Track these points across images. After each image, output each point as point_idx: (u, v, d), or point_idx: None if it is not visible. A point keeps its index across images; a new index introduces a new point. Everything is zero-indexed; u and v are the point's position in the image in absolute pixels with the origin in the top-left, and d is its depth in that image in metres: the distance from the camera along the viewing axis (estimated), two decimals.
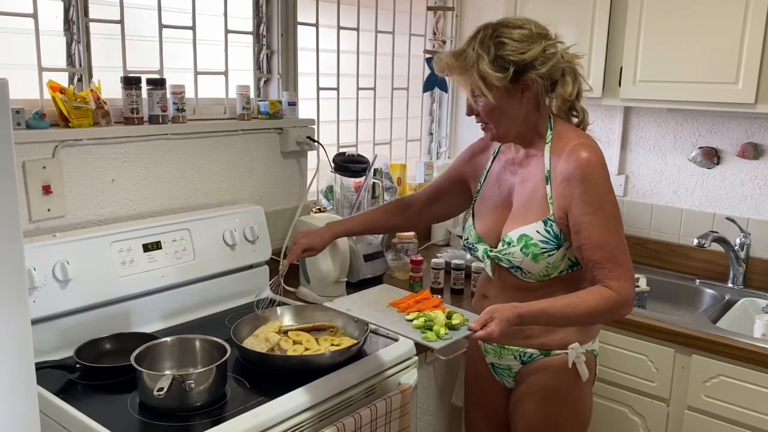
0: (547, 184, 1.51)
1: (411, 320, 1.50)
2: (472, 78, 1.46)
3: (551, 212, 1.49)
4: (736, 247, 2.37)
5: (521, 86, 1.47)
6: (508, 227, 1.56)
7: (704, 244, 2.30)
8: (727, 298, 2.30)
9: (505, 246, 1.55)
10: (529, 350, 1.59)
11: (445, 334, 1.43)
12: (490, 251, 1.59)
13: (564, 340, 1.56)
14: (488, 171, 1.70)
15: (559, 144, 1.51)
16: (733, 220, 2.38)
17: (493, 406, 1.73)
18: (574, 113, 1.58)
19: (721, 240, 2.35)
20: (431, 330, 1.44)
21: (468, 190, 1.78)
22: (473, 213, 1.72)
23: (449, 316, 1.50)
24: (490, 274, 1.62)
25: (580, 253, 1.47)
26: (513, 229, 1.54)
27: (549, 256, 1.50)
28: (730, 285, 2.40)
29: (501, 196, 1.63)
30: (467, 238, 1.68)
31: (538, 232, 1.50)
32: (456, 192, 1.81)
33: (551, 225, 1.49)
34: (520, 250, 1.51)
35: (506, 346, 1.63)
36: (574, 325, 1.53)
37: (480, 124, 1.57)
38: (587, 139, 1.51)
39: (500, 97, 1.48)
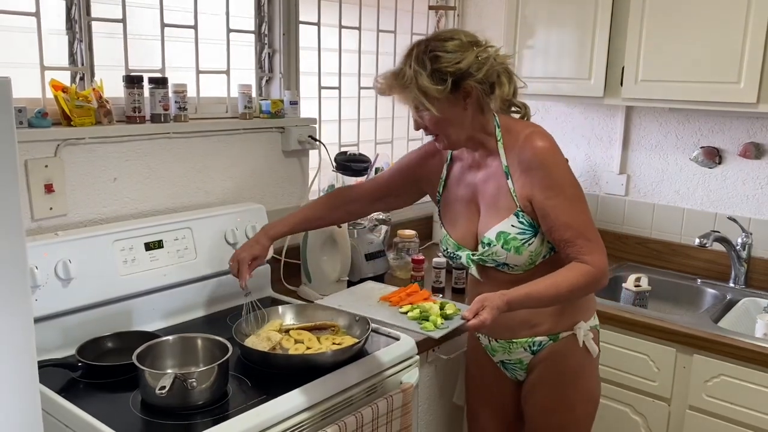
0: (507, 178, 1.56)
1: (405, 312, 1.55)
2: (413, 94, 1.51)
3: (518, 204, 1.55)
4: (737, 247, 2.37)
5: (462, 94, 1.52)
6: (482, 228, 1.60)
7: (706, 243, 2.30)
8: (728, 297, 2.30)
9: (486, 247, 1.58)
10: (538, 338, 1.63)
11: (442, 323, 1.49)
12: (473, 255, 1.62)
13: (569, 321, 1.62)
14: (445, 178, 1.73)
15: (509, 138, 1.57)
16: (734, 220, 2.38)
17: (503, 402, 1.76)
18: (515, 109, 1.64)
19: (722, 240, 2.35)
20: (428, 320, 1.49)
21: (418, 190, 1.83)
22: (442, 222, 1.74)
23: (441, 307, 1.55)
24: (478, 276, 1.65)
25: (550, 235, 1.53)
26: (488, 229, 1.58)
27: (529, 245, 1.55)
28: (731, 285, 2.40)
29: (466, 199, 1.66)
30: (446, 249, 1.71)
31: (513, 226, 1.55)
32: (404, 191, 1.85)
33: (522, 216, 1.55)
34: (502, 247, 1.56)
35: (515, 341, 1.65)
36: (559, 303, 1.58)
37: (431, 136, 1.62)
38: (535, 127, 1.57)
39: (444, 108, 1.52)
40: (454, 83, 1.49)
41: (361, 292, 1.74)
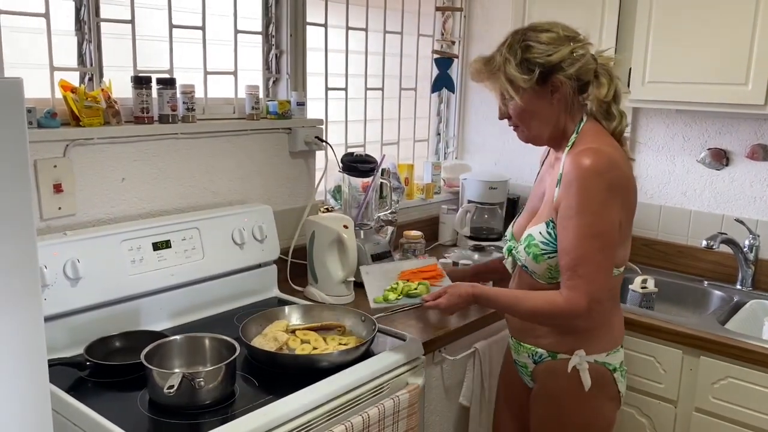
0: (556, 186, 1.52)
1: (392, 288, 1.72)
2: (500, 81, 1.50)
3: (552, 215, 1.51)
4: (744, 249, 2.37)
5: (550, 88, 1.49)
6: (528, 227, 1.59)
7: (713, 245, 2.29)
8: (735, 299, 2.29)
9: (518, 244, 1.59)
10: (539, 350, 1.60)
11: (395, 299, 1.63)
12: (512, 249, 1.64)
13: (571, 345, 1.55)
14: (538, 172, 1.74)
15: (576, 147, 1.50)
16: (741, 222, 2.37)
17: (521, 404, 1.74)
18: (611, 116, 1.55)
19: (729, 242, 2.34)
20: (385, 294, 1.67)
21: None
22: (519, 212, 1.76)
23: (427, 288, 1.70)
24: (511, 271, 1.68)
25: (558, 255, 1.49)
26: (528, 229, 1.58)
27: (549, 258, 1.50)
28: (738, 287, 2.39)
29: (536, 197, 1.66)
30: (506, 235, 1.74)
31: (540, 233, 1.52)
32: None
33: (552, 227, 1.50)
34: (525, 249, 1.54)
35: (522, 343, 1.65)
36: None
37: (512, 126, 1.60)
38: (601, 146, 1.46)
39: (529, 100, 1.50)
40: (543, 75, 1.46)
41: (389, 267, 1.87)
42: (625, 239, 1.53)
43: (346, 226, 2.06)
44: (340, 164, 2.28)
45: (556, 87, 1.48)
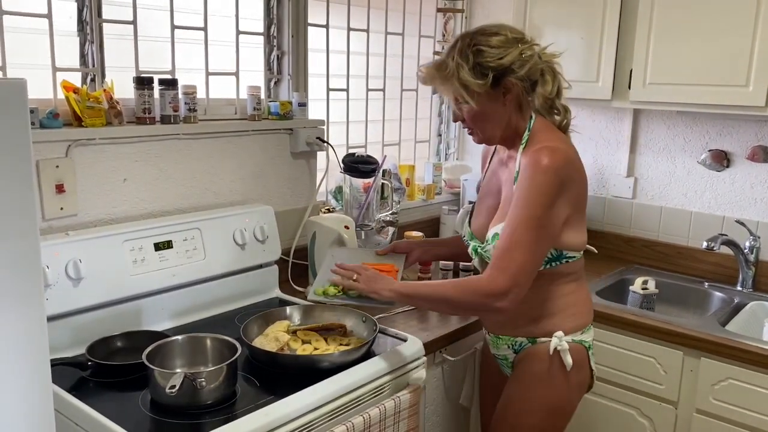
0: (514, 183, 1.55)
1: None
2: (454, 86, 1.52)
3: None
4: (745, 251, 2.37)
5: (502, 90, 1.52)
6: (491, 226, 1.62)
7: (713, 247, 2.29)
8: (736, 301, 2.29)
9: (486, 244, 1.60)
10: (518, 339, 1.64)
11: (333, 295, 1.65)
12: (478, 248, 1.65)
13: (549, 328, 1.60)
14: (486, 170, 1.76)
15: (531, 144, 1.54)
16: (742, 224, 2.37)
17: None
18: (555, 111, 1.62)
19: (730, 243, 2.34)
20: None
21: None
22: (472, 210, 1.77)
23: None
24: (479, 269, 1.69)
25: None
26: (492, 227, 1.60)
27: None
28: (739, 288, 2.39)
29: (492, 193, 1.68)
30: (464, 235, 1.75)
31: None
32: None
33: None
34: (493, 247, 1.56)
35: (500, 336, 1.67)
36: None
37: (466, 129, 1.63)
38: (556, 143, 1.51)
39: (483, 102, 1.53)
40: (495, 78, 1.50)
41: (358, 254, 1.87)
42: (580, 226, 1.58)
43: (347, 227, 2.06)
44: (342, 165, 2.28)
45: (509, 89, 1.52)
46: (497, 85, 1.51)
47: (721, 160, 2.48)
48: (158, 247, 1.80)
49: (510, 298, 1.46)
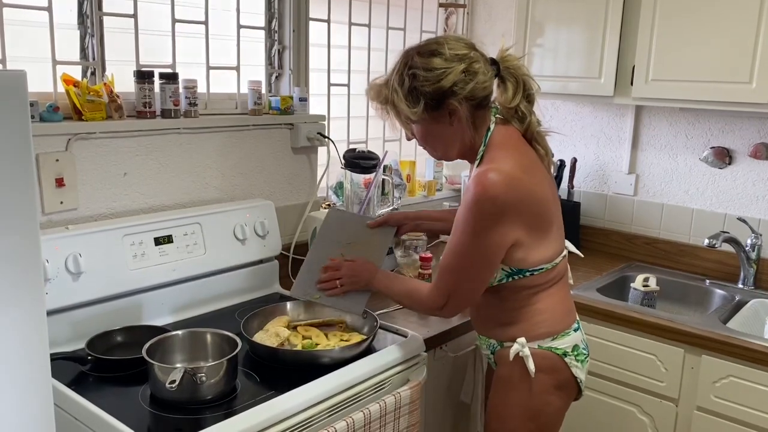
0: None
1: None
2: (392, 112, 1.48)
3: None
4: (747, 248, 2.36)
5: (447, 111, 1.45)
6: None
7: (715, 244, 2.28)
8: (737, 298, 2.29)
9: None
10: (491, 340, 1.63)
11: (317, 297, 1.68)
12: None
13: (513, 333, 1.56)
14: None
15: (482, 164, 1.49)
16: (744, 221, 2.37)
17: None
18: (521, 116, 1.52)
19: (732, 240, 2.34)
20: None
21: None
22: None
23: None
24: None
25: None
26: None
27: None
28: (740, 286, 2.39)
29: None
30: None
31: None
32: None
33: None
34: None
35: (480, 335, 1.68)
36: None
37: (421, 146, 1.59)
38: (502, 163, 1.43)
39: (428, 124, 1.49)
40: (436, 101, 1.43)
41: (351, 225, 1.85)
42: (543, 242, 1.50)
43: None
44: (342, 160, 2.27)
45: (453, 111, 1.44)
46: (439, 107, 1.44)
47: (724, 157, 2.47)
48: (158, 241, 1.79)
49: (447, 311, 1.53)
